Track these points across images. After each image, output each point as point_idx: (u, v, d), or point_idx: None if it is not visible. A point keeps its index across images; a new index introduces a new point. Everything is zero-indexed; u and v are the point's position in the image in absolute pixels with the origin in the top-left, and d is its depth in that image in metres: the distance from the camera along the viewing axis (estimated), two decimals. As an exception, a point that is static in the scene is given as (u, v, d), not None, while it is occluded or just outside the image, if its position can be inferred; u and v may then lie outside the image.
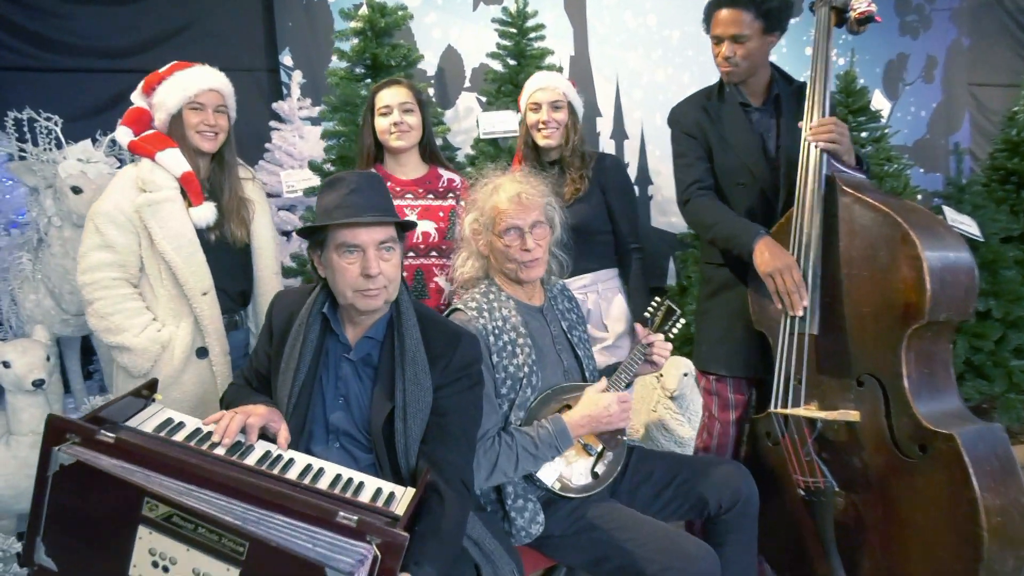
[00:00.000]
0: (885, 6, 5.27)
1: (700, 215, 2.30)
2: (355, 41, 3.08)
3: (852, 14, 2.12)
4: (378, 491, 1.56)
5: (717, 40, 2.27)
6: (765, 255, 2.08)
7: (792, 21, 5.39)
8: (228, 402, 1.84)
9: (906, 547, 1.90)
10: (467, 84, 4.67)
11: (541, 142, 2.64)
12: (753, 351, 2.32)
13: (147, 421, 1.60)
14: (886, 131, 4.01)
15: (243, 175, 2.37)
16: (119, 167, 3.22)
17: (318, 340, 1.77)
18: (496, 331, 1.99)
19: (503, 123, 3.73)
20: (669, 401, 3.24)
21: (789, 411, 2.05)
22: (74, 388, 3.41)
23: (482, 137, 3.75)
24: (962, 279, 1.92)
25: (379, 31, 3.07)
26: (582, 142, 2.71)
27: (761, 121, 2.35)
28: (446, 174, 2.62)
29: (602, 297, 2.69)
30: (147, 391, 1.66)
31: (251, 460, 1.57)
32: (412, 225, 1.84)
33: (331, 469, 1.60)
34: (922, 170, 5.44)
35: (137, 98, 2.26)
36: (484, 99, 4.49)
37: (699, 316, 2.49)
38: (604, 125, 4.95)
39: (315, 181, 3.40)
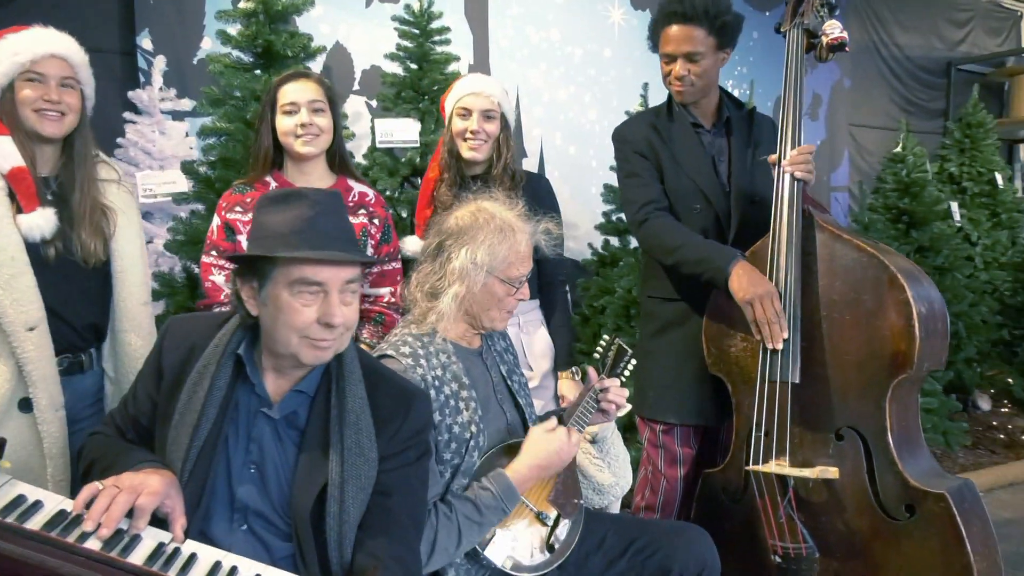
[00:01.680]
0: (777, 41, 5.47)
1: (661, 236, 2.12)
2: (238, 26, 2.69)
3: (824, 39, 2.05)
4: (311, 600, 1.24)
5: (669, 59, 2.15)
6: (743, 281, 1.92)
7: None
8: (92, 459, 1.43)
9: (892, 618, 1.80)
10: (356, 87, 4.35)
11: (466, 154, 2.37)
12: (706, 397, 2.18)
13: (-12, 500, 1.19)
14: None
15: (106, 175, 1.91)
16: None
17: (227, 388, 1.42)
18: (436, 383, 1.70)
19: (402, 132, 3.45)
20: (589, 445, 3.06)
21: (769, 468, 1.91)
22: None
23: (378, 146, 3.45)
24: (940, 327, 1.87)
25: (274, 15, 2.70)
26: (514, 159, 2.48)
27: (713, 144, 2.24)
28: (357, 186, 2.31)
29: (523, 331, 2.47)
30: (-11, 456, 1.24)
31: (137, 558, 1.19)
32: (372, 263, 1.53)
33: (246, 569, 1.26)
34: (804, 206, 5.71)
35: None
36: (375, 104, 4.19)
37: (642, 357, 2.30)
38: (502, 141, 4.77)
39: (182, 186, 2.95)
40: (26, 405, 1.74)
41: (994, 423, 4.30)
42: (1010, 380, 4.36)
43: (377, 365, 1.56)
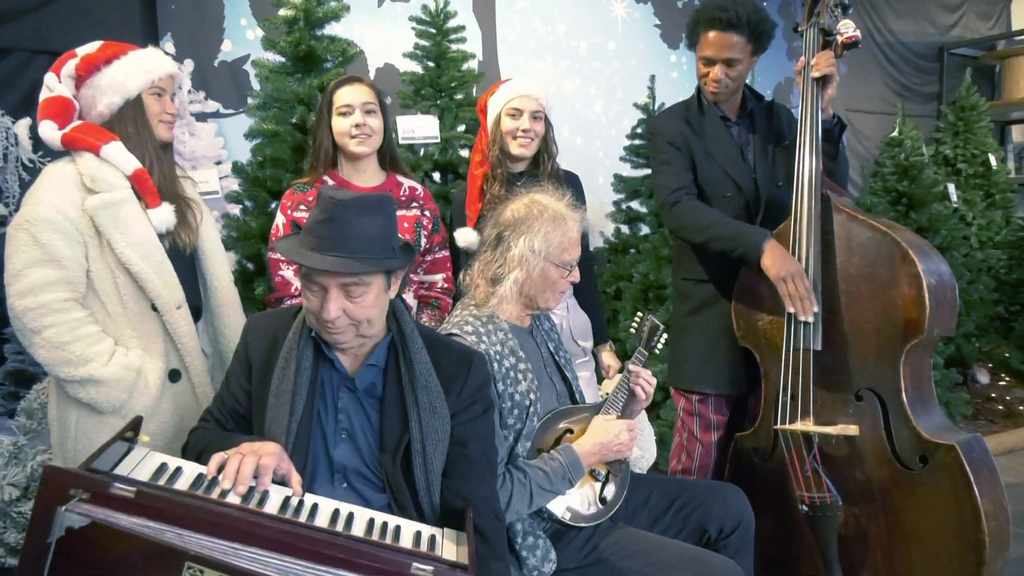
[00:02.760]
0: (776, 32, 5.71)
1: (693, 216, 2.34)
2: (274, 31, 2.90)
3: (839, 38, 2.28)
4: (418, 535, 1.47)
5: (708, 62, 2.35)
6: (776, 259, 2.15)
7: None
8: (200, 449, 1.63)
9: (909, 557, 2.06)
10: (371, 85, 4.54)
11: (515, 150, 2.57)
12: (738, 368, 2.42)
13: (137, 468, 1.41)
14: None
15: (179, 173, 2.17)
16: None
17: (312, 368, 1.65)
18: (498, 356, 1.93)
19: (423, 128, 3.66)
20: (615, 420, 3.32)
21: (794, 427, 2.15)
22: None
23: (400, 142, 3.66)
24: (949, 296, 2.11)
25: (313, 22, 2.92)
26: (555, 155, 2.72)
27: (740, 135, 2.47)
28: (407, 182, 2.53)
29: (570, 312, 2.70)
30: (131, 432, 1.46)
31: (271, 508, 1.42)
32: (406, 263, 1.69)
33: (360, 514, 1.49)
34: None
35: (60, 85, 1.97)
36: (389, 101, 4.40)
37: (678, 334, 2.55)
38: (512, 134, 4.99)
39: (214, 184, 3.16)
40: (175, 376, 2.00)
41: (992, 395, 4.57)
42: (1007, 354, 4.63)
43: (435, 335, 1.79)
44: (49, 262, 1.85)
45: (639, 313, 2.27)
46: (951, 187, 5.19)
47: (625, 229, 4.52)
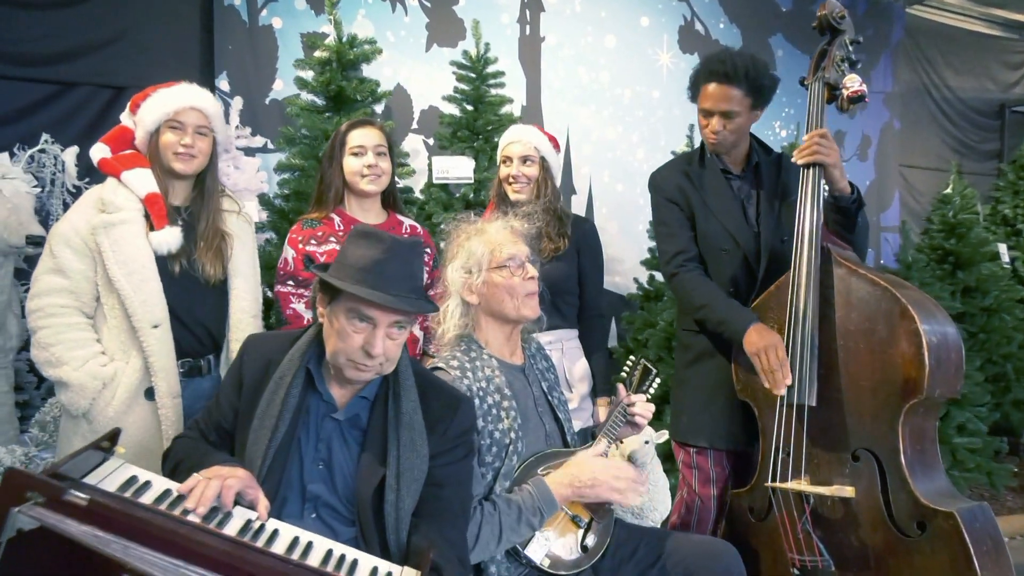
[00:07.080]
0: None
1: (689, 294, 2.35)
2: (310, 72, 3.03)
3: (844, 92, 2.25)
4: (374, 570, 1.47)
5: (707, 113, 2.34)
6: (754, 337, 2.16)
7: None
8: (179, 459, 1.68)
9: (903, 629, 1.95)
10: (415, 126, 4.67)
11: (511, 196, 2.71)
12: (735, 423, 2.36)
13: (108, 478, 1.45)
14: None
15: (227, 207, 2.27)
16: (36, 185, 3.02)
17: (300, 396, 1.68)
18: (480, 392, 1.94)
19: (457, 169, 3.75)
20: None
21: (787, 486, 2.08)
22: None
23: (435, 182, 3.74)
24: (953, 356, 2.03)
25: (346, 63, 3.04)
26: (557, 199, 2.74)
27: (742, 188, 2.44)
28: (407, 221, 2.62)
29: (566, 356, 2.69)
30: (108, 443, 1.52)
31: (230, 530, 1.44)
32: (419, 312, 1.71)
33: (320, 543, 1.50)
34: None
35: (124, 117, 2.18)
36: (431, 142, 4.52)
37: (677, 385, 2.51)
38: (552, 179, 5.03)
39: (254, 216, 3.28)
40: (151, 394, 2.08)
41: (1043, 467, 4.32)
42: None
43: (428, 374, 1.82)
44: (57, 272, 2.02)
45: (631, 357, 2.25)
46: (1002, 247, 4.98)
47: (659, 276, 4.49)
